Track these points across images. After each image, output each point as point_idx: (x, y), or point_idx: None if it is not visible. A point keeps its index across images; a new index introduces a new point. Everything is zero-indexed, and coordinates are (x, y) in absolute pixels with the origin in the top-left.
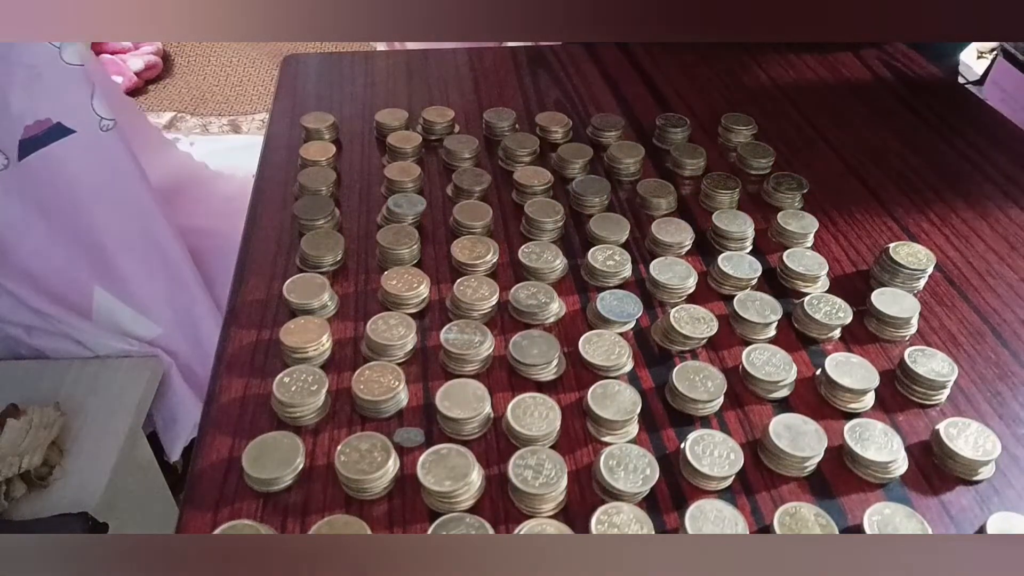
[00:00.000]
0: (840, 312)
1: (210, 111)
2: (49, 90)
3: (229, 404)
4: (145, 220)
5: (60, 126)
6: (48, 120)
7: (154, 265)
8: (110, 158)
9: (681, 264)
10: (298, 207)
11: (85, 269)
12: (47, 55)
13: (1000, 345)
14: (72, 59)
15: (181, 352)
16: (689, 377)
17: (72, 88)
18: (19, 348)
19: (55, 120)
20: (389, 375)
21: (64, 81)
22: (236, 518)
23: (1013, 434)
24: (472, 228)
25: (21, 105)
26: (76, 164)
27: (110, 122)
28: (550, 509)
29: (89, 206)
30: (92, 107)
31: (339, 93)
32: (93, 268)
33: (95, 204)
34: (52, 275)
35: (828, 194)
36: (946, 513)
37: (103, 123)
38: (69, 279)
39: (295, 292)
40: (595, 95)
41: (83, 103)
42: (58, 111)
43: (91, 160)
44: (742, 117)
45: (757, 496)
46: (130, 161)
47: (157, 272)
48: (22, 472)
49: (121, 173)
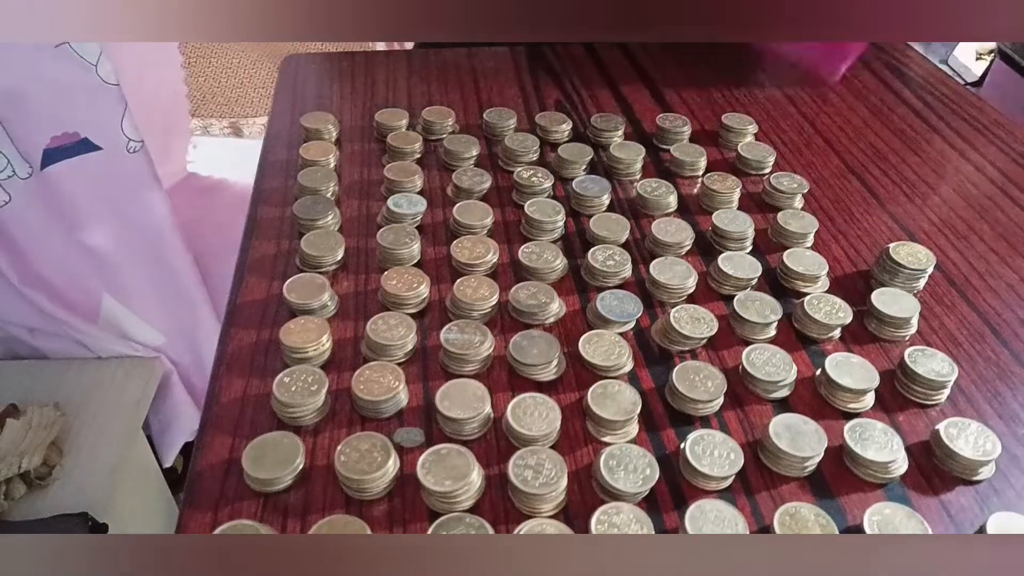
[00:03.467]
0: (840, 312)
1: (210, 113)
2: (80, 104)
3: (229, 404)
4: (159, 239)
5: (87, 141)
6: (76, 134)
7: (163, 282)
8: (132, 179)
9: (681, 264)
10: (298, 207)
11: (96, 278)
12: (81, 69)
13: (1000, 345)
14: (108, 77)
15: (182, 363)
16: (689, 377)
17: (103, 106)
18: (19, 348)
19: (83, 135)
20: (389, 375)
21: (96, 98)
22: (236, 518)
23: (1013, 434)
24: (472, 228)
25: (49, 115)
26: (98, 180)
27: (138, 144)
28: (550, 509)
29: (106, 220)
30: (121, 127)
31: (339, 93)
32: (104, 278)
33: (112, 219)
34: (65, 281)
35: (828, 194)
36: (946, 513)
37: (130, 144)
38: (80, 286)
39: (295, 292)
40: (595, 95)
41: (113, 123)
42: (87, 126)
43: (113, 178)
44: (742, 117)
45: (757, 496)
46: (151, 183)
47: (166, 289)
48: (22, 472)
49: (140, 194)
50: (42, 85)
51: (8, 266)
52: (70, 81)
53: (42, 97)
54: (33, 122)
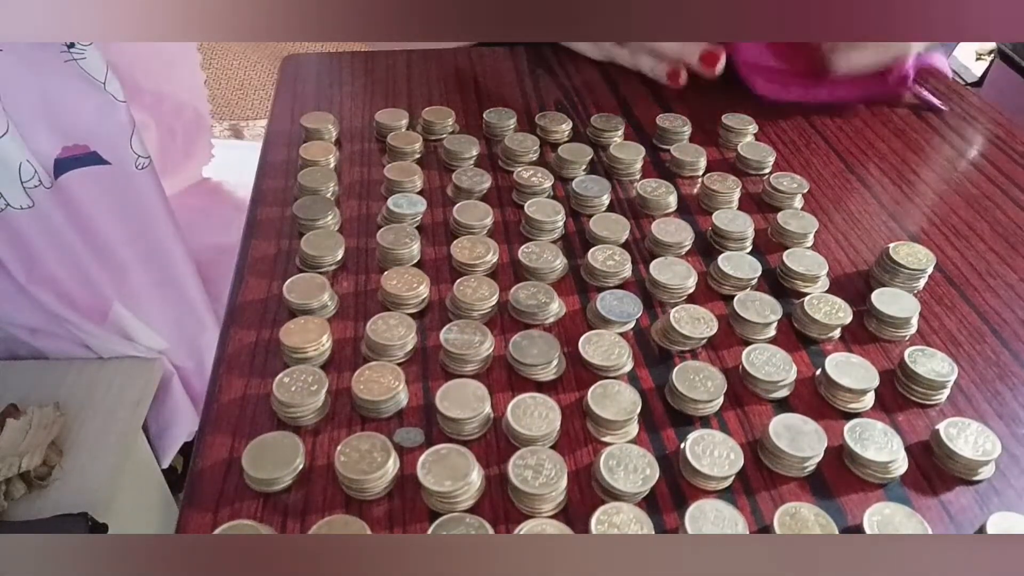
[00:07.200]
0: (840, 312)
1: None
2: (89, 120)
3: (229, 404)
4: (165, 249)
5: (96, 155)
6: (86, 147)
7: (168, 289)
8: (139, 194)
9: (681, 264)
10: (298, 207)
11: (105, 281)
12: (89, 85)
13: (1000, 345)
14: (117, 94)
15: (184, 367)
16: (689, 377)
17: (112, 123)
18: (19, 349)
19: (92, 148)
20: (389, 375)
21: (104, 114)
22: (236, 518)
23: (1013, 434)
24: (472, 228)
25: (60, 127)
26: (106, 193)
27: (145, 160)
28: (550, 509)
29: (114, 228)
30: (131, 145)
31: (339, 93)
32: (113, 283)
33: (120, 228)
34: (74, 282)
35: (828, 194)
36: (946, 513)
37: (139, 161)
38: (89, 288)
39: (295, 292)
40: (595, 95)
41: (122, 140)
42: (95, 141)
43: (120, 193)
44: (742, 117)
45: (757, 496)
46: (158, 199)
47: (170, 295)
48: (22, 472)
49: (147, 208)
50: (51, 99)
51: (17, 266)
52: (78, 97)
53: (51, 110)
54: (43, 135)
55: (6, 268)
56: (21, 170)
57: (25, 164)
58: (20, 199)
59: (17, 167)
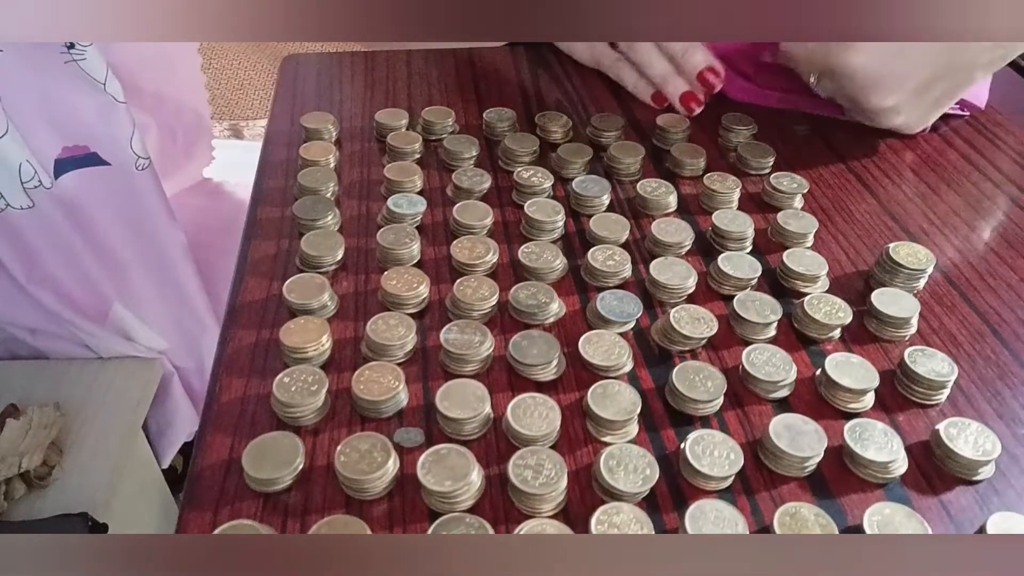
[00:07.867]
0: (840, 312)
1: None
2: (89, 120)
3: (229, 404)
4: (166, 251)
5: (96, 156)
6: (86, 147)
7: (169, 291)
8: (140, 196)
9: (681, 264)
10: (298, 207)
11: (106, 281)
12: (89, 86)
13: (1000, 345)
14: (117, 95)
15: (184, 368)
16: (689, 377)
17: (113, 124)
18: (19, 350)
19: (92, 149)
20: (389, 375)
21: (105, 115)
22: (236, 518)
23: (1013, 434)
24: (472, 228)
25: (59, 127)
26: (106, 194)
27: (145, 161)
28: (550, 509)
29: (115, 229)
30: (131, 146)
31: (339, 93)
32: (113, 283)
33: (121, 229)
34: (75, 282)
35: (828, 194)
36: (946, 513)
37: (139, 162)
38: (89, 288)
39: (295, 292)
40: (595, 95)
41: (122, 141)
42: (95, 142)
43: (121, 195)
44: (742, 117)
45: (757, 496)
46: (158, 199)
47: (171, 297)
48: (22, 472)
49: (148, 209)
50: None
51: (16, 265)
52: (79, 97)
53: (51, 111)
54: (43, 136)
55: (6, 268)
56: (21, 170)
57: (25, 164)
58: (20, 199)
59: (17, 167)
